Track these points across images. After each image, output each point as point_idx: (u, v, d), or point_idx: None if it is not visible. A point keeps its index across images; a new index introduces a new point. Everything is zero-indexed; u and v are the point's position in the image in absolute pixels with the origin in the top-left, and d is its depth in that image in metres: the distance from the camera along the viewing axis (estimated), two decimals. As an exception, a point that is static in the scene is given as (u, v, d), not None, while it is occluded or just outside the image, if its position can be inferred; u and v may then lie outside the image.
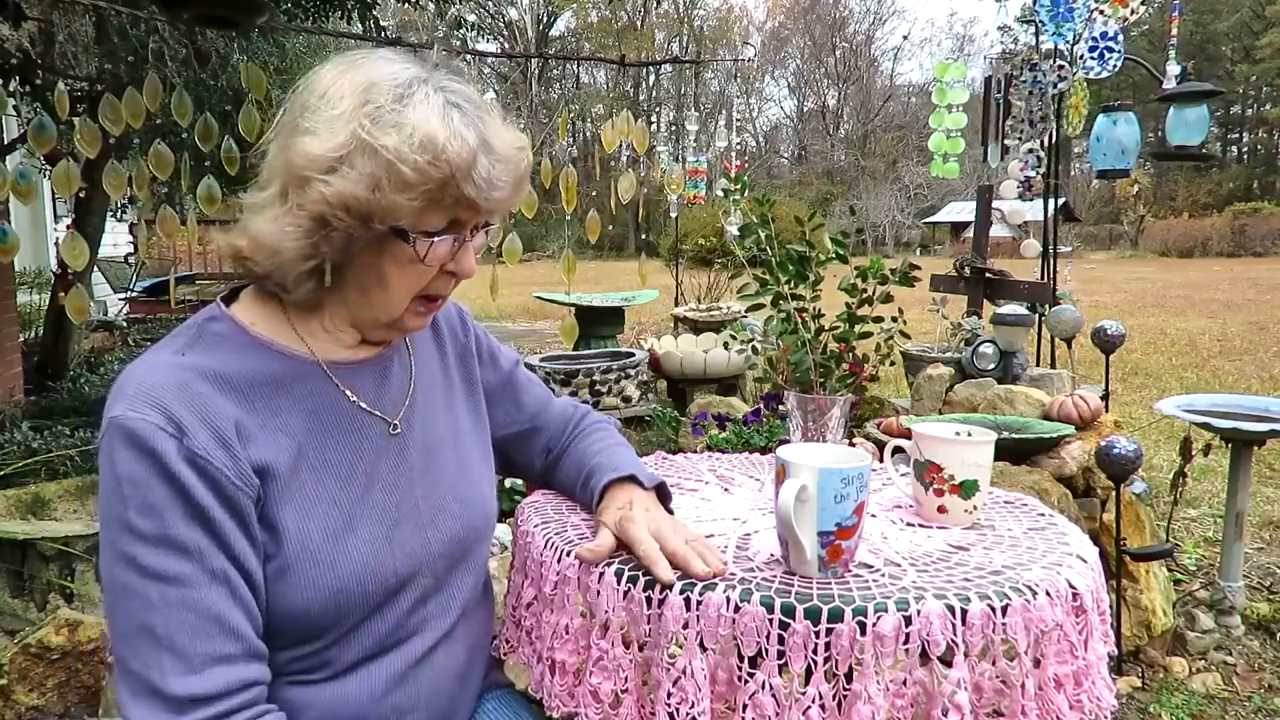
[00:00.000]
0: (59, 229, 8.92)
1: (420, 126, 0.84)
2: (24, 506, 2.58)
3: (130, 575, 0.80)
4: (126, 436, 0.81)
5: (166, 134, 2.92)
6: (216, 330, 0.93)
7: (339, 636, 0.93)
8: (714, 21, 42.53)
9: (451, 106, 0.87)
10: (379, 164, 0.84)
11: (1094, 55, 3.17)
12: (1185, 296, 13.85)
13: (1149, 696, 2.33)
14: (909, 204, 34.47)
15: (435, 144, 0.84)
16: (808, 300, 1.33)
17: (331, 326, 0.98)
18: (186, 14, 2.70)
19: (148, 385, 0.84)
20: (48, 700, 1.92)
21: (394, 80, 0.87)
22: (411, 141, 0.84)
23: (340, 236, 0.88)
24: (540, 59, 24.45)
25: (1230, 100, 39.82)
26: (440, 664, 1.02)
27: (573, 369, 4.44)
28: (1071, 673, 0.93)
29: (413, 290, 0.94)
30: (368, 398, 0.99)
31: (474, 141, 0.86)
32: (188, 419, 0.83)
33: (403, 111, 0.85)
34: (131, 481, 0.81)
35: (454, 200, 0.88)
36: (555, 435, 1.23)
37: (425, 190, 0.85)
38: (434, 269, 0.92)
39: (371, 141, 0.84)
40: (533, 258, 22.83)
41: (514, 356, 1.24)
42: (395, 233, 0.88)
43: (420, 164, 0.84)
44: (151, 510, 0.81)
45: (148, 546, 0.80)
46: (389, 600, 0.95)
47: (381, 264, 0.91)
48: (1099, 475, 2.58)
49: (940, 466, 1.11)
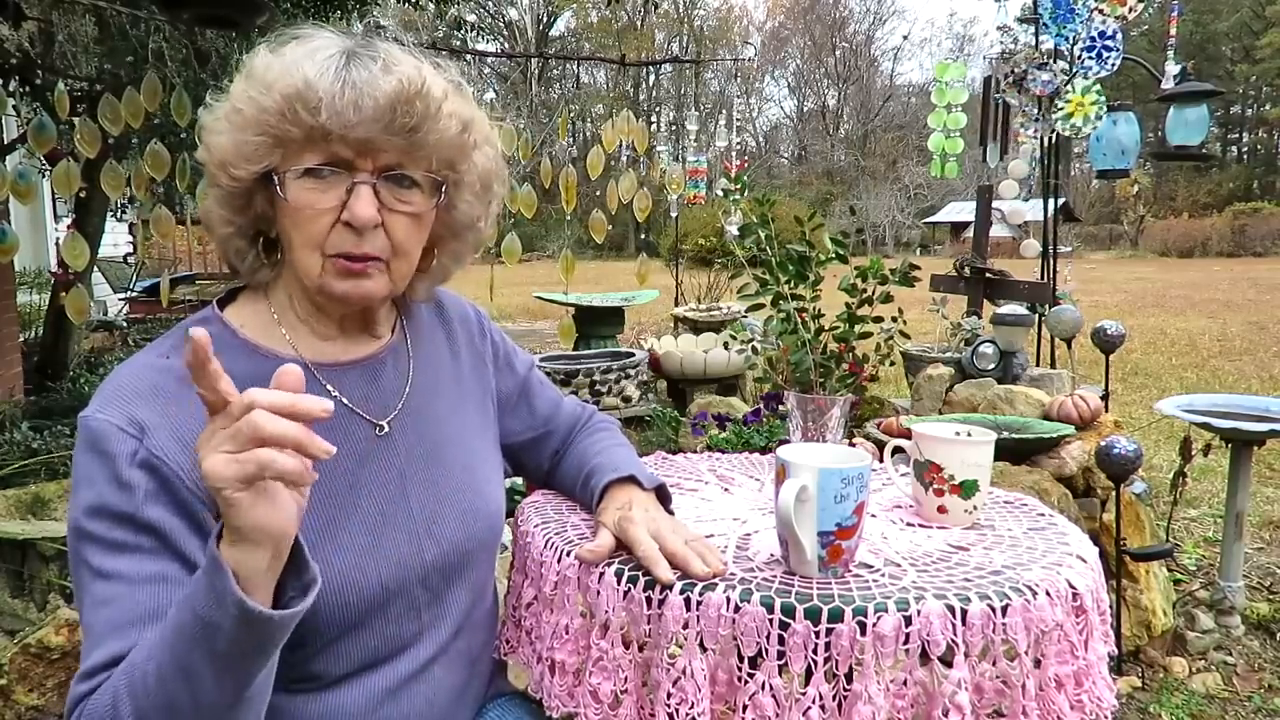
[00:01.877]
0: (59, 229, 8.92)
1: (276, 64, 0.86)
2: (24, 506, 2.58)
3: (80, 570, 0.82)
4: (87, 436, 0.83)
5: (166, 134, 2.92)
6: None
7: (321, 648, 0.91)
8: (714, 21, 42.57)
9: (307, 50, 0.87)
10: (227, 109, 0.87)
11: (1092, 55, 3.17)
12: (1185, 296, 13.85)
13: (1149, 696, 2.33)
14: (909, 204, 34.47)
15: (263, 76, 0.85)
16: (808, 300, 1.33)
17: (304, 313, 0.97)
18: (186, 14, 2.70)
19: (121, 387, 0.86)
20: (48, 700, 1.92)
21: (290, 36, 0.89)
22: (248, 79, 0.87)
23: (235, 197, 0.90)
24: (540, 59, 24.45)
25: (1230, 100, 39.83)
26: (437, 678, 1.00)
27: (573, 369, 4.44)
28: (1072, 673, 0.92)
29: (312, 244, 0.88)
30: (353, 398, 0.97)
31: (311, 70, 0.84)
32: (152, 420, 0.84)
33: (266, 59, 0.87)
34: (87, 481, 0.82)
35: (307, 134, 0.85)
36: (563, 437, 1.23)
37: (266, 124, 0.85)
38: (322, 217, 0.87)
39: (234, 90, 0.87)
40: (532, 258, 22.83)
41: (529, 360, 1.23)
42: (264, 178, 0.88)
43: (252, 96, 0.85)
44: (99, 511, 0.81)
45: (92, 545, 0.81)
46: (375, 612, 0.93)
47: (282, 222, 0.90)
48: (1099, 475, 2.58)
49: (940, 466, 1.11)
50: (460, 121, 0.92)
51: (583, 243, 16.13)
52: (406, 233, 0.92)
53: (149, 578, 0.81)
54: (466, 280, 0.99)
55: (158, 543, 0.82)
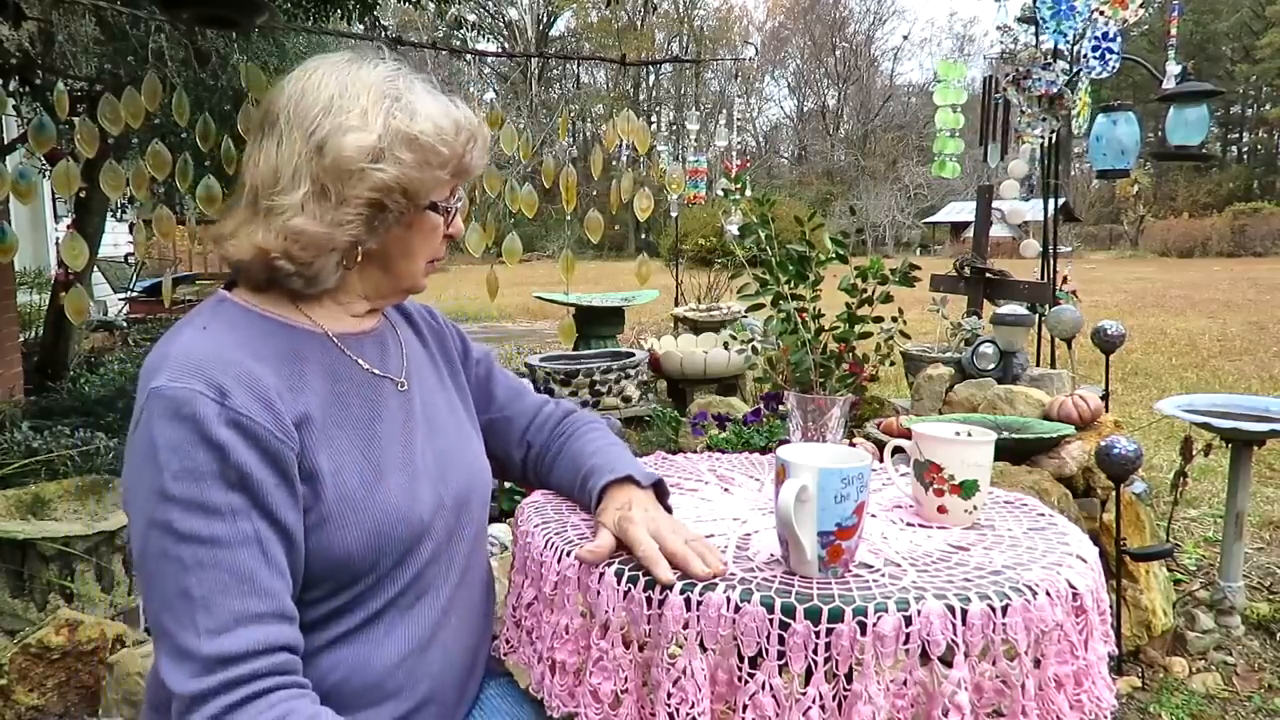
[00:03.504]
0: (59, 229, 8.92)
1: (434, 109, 0.98)
2: (24, 506, 2.58)
3: (167, 540, 0.83)
4: (168, 405, 0.85)
5: (166, 134, 2.91)
6: (229, 311, 0.98)
7: (372, 584, 0.96)
8: (714, 21, 42.56)
9: (433, 89, 1.01)
10: (419, 146, 0.96)
11: (1095, 55, 3.17)
12: (1185, 296, 13.85)
13: (1149, 696, 2.33)
14: (909, 204, 34.45)
15: (458, 123, 0.99)
16: (808, 300, 1.33)
17: (345, 300, 1.05)
18: (186, 14, 2.69)
19: (186, 356, 0.88)
20: (48, 700, 1.92)
21: (384, 75, 0.98)
22: (440, 123, 0.97)
23: (391, 217, 0.98)
24: (540, 59, 24.45)
25: (1230, 100, 39.80)
26: (450, 637, 1.04)
27: (573, 369, 4.44)
28: (1072, 673, 0.93)
29: (430, 256, 1.06)
30: (374, 363, 1.05)
31: (458, 112, 1.00)
32: (228, 383, 0.87)
33: (412, 101, 0.97)
34: (170, 448, 0.84)
35: (460, 171, 1.02)
36: (534, 429, 1.25)
37: (452, 164, 0.99)
38: (441, 234, 1.05)
39: (406, 128, 0.95)
40: (532, 258, 22.83)
41: (484, 348, 1.30)
42: (430, 207, 1.01)
43: (450, 140, 0.98)
44: (189, 475, 0.83)
45: (183, 511, 0.83)
46: (413, 549, 0.99)
47: (409, 238, 1.02)
48: (1099, 475, 2.58)
49: (940, 466, 1.11)
50: None
51: (583, 243, 16.12)
52: None
53: (245, 538, 0.84)
54: (467, 280, 1.02)
55: (248, 500, 0.85)
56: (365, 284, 1.05)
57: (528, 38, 37.23)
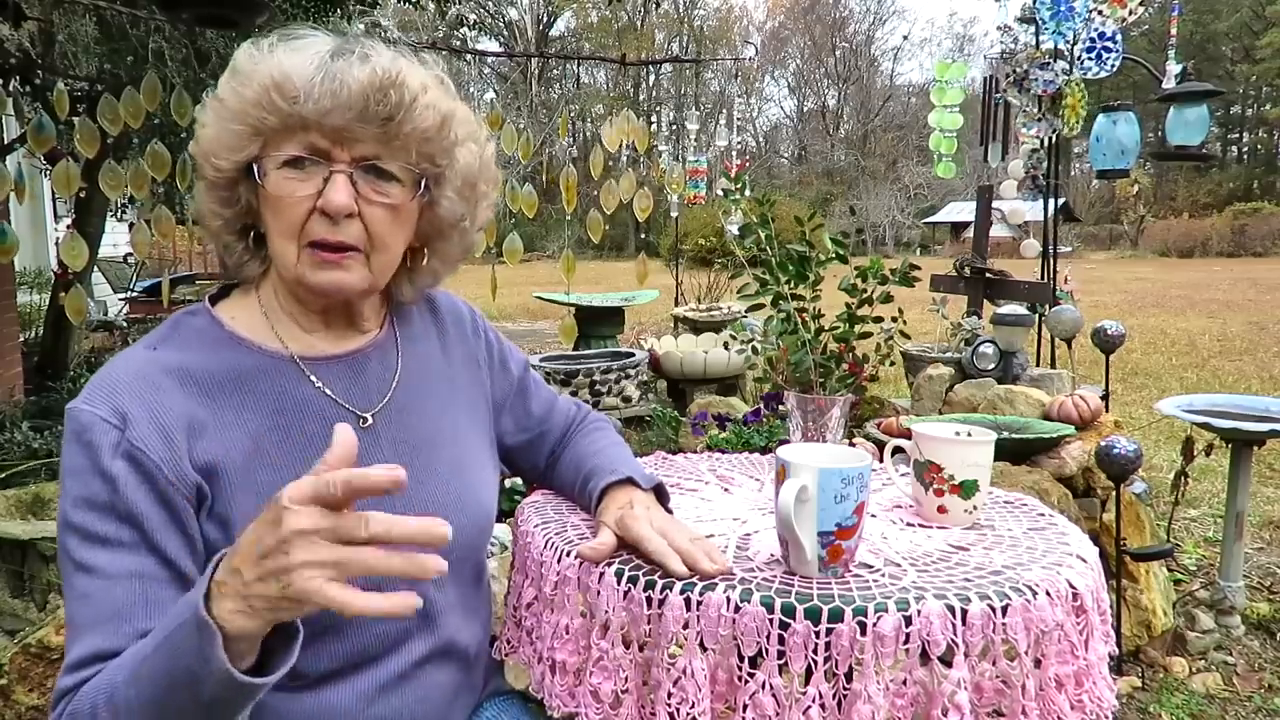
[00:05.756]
0: (59, 229, 8.91)
1: (240, 60, 0.89)
2: (24, 506, 2.58)
3: (66, 565, 0.83)
4: (74, 427, 0.84)
5: (166, 134, 2.92)
6: (193, 325, 0.95)
7: (306, 645, 0.87)
8: (714, 21, 42.55)
9: (291, 46, 0.89)
10: (214, 101, 0.90)
11: (1091, 55, 3.17)
12: (1185, 296, 13.84)
13: (1149, 696, 2.33)
14: (909, 204, 34.45)
15: (245, 69, 0.88)
16: (808, 300, 1.33)
17: (289, 307, 0.98)
18: (186, 14, 2.70)
19: (108, 378, 0.87)
20: (48, 700, 1.92)
21: (264, 41, 0.91)
22: (232, 73, 0.89)
23: (221, 188, 0.92)
24: (540, 59, 24.45)
25: (1230, 100, 39.79)
26: (430, 677, 0.99)
27: (573, 369, 4.44)
28: (1072, 673, 0.92)
29: (289, 233, 0.90)
30: (336, 390, 0.97)
31: (291, 62, 0.86)
32: (135, 411, 0.85)
33: (246, 57, 0.89)
34: (72, 473, 0.84)
35: (285, 123, 0.87)
36: (559, 438, 1.23)
37: (246, 113, 0.87)
38: (300, 205, 0.88)
39: (218, 89, 0.90)
40: (533, 258, 22.82)
41: (524, 360, 1.23)
42: (249, 170, 0.90)
43: (234, 87, 0.88)
44: (85, 503, 0.83)
45: (79, 540, 0.83)
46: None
47: (263, 213, 0.92)
48: (1099, 475, 2.58)
49: (940, 466, 1.11)
50: (439, 114, 0.92)
51: (583, 243, 16.12)
52: (384, 225, 0.92)
53: (127, 574, 0.82)
54: (467, 280, 1.00)
55: (137, 535, 0.83)
56: (279, 281, 0.97)
57: (528, 38, 37.22)
